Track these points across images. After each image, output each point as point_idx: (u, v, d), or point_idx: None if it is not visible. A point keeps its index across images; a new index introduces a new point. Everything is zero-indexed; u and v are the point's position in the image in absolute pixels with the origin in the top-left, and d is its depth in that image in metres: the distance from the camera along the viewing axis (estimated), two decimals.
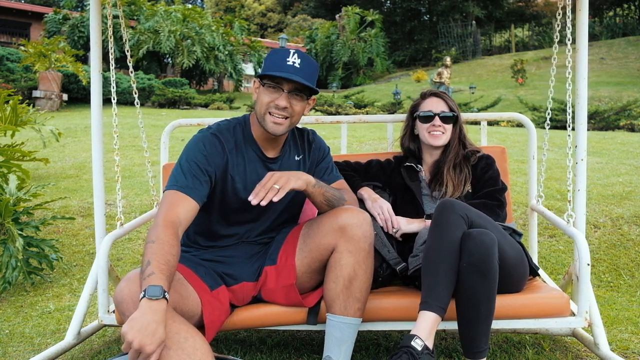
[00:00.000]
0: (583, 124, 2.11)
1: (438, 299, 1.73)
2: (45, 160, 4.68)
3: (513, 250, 1.90)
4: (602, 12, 27.87)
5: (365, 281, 1.80)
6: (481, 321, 1.72)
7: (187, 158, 1.80)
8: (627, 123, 9.23)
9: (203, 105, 12.90)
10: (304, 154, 2.02)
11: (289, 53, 1.81)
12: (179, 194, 1.72)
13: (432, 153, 2.31)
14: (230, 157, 1.86)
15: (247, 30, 21.41)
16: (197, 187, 1.75)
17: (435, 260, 1.77)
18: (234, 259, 1.92)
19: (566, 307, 1.91)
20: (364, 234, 1.79)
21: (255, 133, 1.92)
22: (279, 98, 1.79)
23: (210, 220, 1.92)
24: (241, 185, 1.88)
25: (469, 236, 1.75)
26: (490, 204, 2.10)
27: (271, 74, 1.79)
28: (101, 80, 2.25)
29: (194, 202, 1.73)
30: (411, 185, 2.25)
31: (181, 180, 1.75)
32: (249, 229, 1.95)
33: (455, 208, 1.83)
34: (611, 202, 4.03)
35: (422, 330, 1.70)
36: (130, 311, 1.52)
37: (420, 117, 2.26)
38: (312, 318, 1.88)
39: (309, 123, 2.81)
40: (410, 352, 1.64)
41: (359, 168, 2.39)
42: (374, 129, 7.53)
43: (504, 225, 2.03)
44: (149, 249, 1.56)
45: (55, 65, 11.29)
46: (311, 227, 1.87)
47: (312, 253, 1.84)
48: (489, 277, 1.71)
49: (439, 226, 1.82)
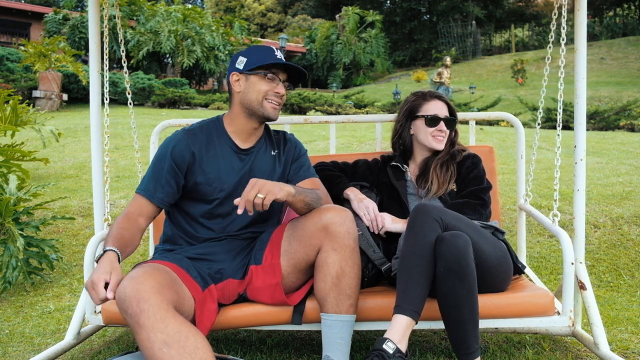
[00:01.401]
0: (582, 123, 2.12)
1: (412, 303, 1.73)
2: (45, 160, 4.68)
3: (493, 249, 1.90)
4: (602, 12, 27.88)
5: (353, 277, 1.81)
6: (466, 323, 1.72)
7: (155, 161, 1.96)
8: (627, 123, 9.24)
9: (203, 105, 12.90)
10: (279, 150, 2.09)
11: (274, 49, 1.98)
12: (141, 197, 1.92)
13: (425, 153, 2.31)
14: (201, 153, 1.95)
15: (247, 30, 21.42)
16: (158, 191, 1.91)
17: (409, 265, 1.78)
18: (218, 256, 1.94)
19: (551, 306, 1.91)
20: (347, 231, 1.81)
21: (230, 128, 2.01)
22: (277, 87, 1.95)
23: (192, 216, 1.98)
24: (216, 179, 1.95)
25: (442, 240, 1.75)
26: (473, 203, 2.11)
27: (273, 62, 1.92)
28: (100, 80, 2.26)
29: (154, 206, 1.93)
30: (397, 184, 2.25)
31: (145, 184, 1.94)
32: (230, 221, 1.98)
33: (429, 212, 1.83)
34: (611, 202, 4.03)
35: (395, 333, 1.71)
36: (133, 309, 1.53)
37: (428, 120, 2.24)
38: (297, 317, 1.90)
39: (298, 123, 2.79)
40: (382, 355, 1.66)
41: (346, 168, 2.39)
42: (373, 129, 7.51)
43: (485, 224, 2.03)
44: (108, 230, 1.87)
45: (55, 65, 11.30)
46: (295, 229, 1.89)
47: (297, 254, 1.86)
48: (467, 279, 1.72)
49: (413, 230, 1.82)
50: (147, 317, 1.53)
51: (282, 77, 1.97)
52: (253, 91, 1.94)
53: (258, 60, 1.93)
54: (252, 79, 1.94)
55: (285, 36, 19.19)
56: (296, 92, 13.42)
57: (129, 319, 1.56)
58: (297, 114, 11.82)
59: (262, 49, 1.99)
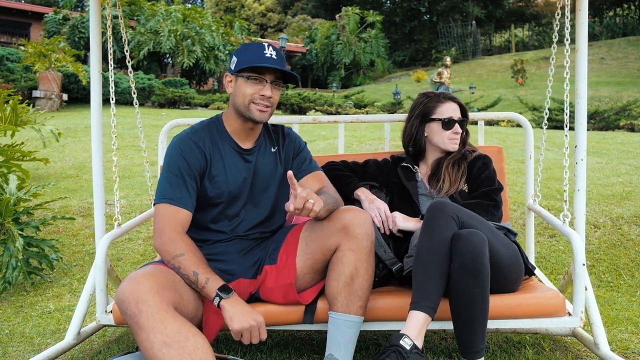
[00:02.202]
0: (583, 123, 2.12)
1: (428, 299, 1.73)
2: (45, 160, 4.68)
3: (507, 250, 1.90)
4: (602, 12, 27.88)
5: (367, 279, 1.81)
6: (476, 322, 1.73)
7: (169, 167, 1.87)
8: (627, 123, 9.24)
9: (203, 105, 12.90)
10: (278, 147, 2.05)
11: (264, 46, 1.88)
12: (171, 207, 1.81)
13: (437, 153, 2.31)
14: (208, 154, 1.91)
15: (247, 30, 21.42)
16: (186, 196, 1.84)
17: (426, 261, 1.78)
18: (228, 255, 1.93)
19: (562, 307, 1.91)
20: (366, 233, 1.80)
21: (230, 128, 1.97)
22: (263, 89, 1.86)
23: (199, 218, 1.94)
24: (222, 180, 1.92)
25: (459, 237, 1.76)
26: (485, 204, 2.11)
27: (257, 65, 1.84)
28: (101, 80, 2.26)
29: (187, 212, 1.83)
30: (407, 185, 2.25)
31: (169, 192, 1.83)
32: (238, 222, 1.96)
33: (445, 209, 1.83)
34: (611, 202, 4.03)
35: (412, 329, 1.71)
36: (132, 310, 1.53)
37: (444, 123, 2.24)
38: (309, 317, 1.89)
39: (307, 123, 2.81)
40: (399, 351, 1.66)
41: (356, 168, 2.39)
42: (373, 129, 7.52)
43: (498, 225, 2.03)
44: (184, 261, 1.72)
45: (55, 65, 11.30)
46: (313, 230, 1.88)
47: (315, 255, 1.85)
48: (481, 278, 1.72)
49: (430, 227, 1.82)
50: (146, 318, 1.53)
51: (270, 78, 1.87)
52: (240, 94, 1.89)
53: (244, 61, 1.87)
54: (239, 81, 1.89)
55: (285, 36, 19.16)
56: (296, 92, 13.42)
57: (129, 320, 1.56)
58: (297, 114, 11.81)
59: (251, 47, 1.90)
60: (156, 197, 1.85)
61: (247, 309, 1.67)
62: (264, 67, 1.85)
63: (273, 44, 1.97)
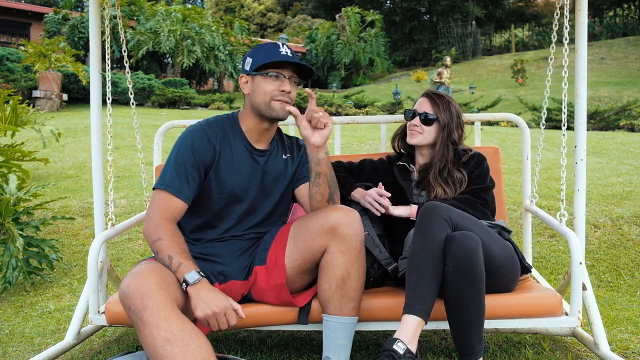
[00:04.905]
0: (582, 123, 2.12)
1: (421, 303, 1.73)
2: (45, 160, 4.68)
3: (501, 250, 1.89)
4: (602, 12, 27.88)
5: (358, 280, 1.81)
6: (472, 323, 1.72)
7: (176, 156, 1.87)
8: (627, 123, 9.23)
9: (203, 105, 12.89)
10: (292, 155, 2.06)
11: (279, 45, 1.91)
12: (167, 194, 1.81)
13: (422, 154, 2.30)
14: (218, 148, 1.90)
15: (247, 30, 21.40)
16: (184, 187, 1.83)
17: (419, 264, 1.77)
18: (222, 257, 1.93)
19: (559, 306, 1.91)
20: (355, 233, 1.79)
21: (245, 127, 1.97)
22: (282, 84, 1.88)
23: (201, 213, 1.93)
24: (229, 177, 1.91)
25: (452, 240, 1.75)
26: (473, 200, 2.09)
27: (276, 60, 1.85)
28: (101, 80, 2.26)
29: (181, 202, 1.83)
30: (402, 184, 2.25)
31: (169, 179, 1.83)
32: (238, 221, 1.96)
33: (438, 211, 1.82)
34: (611, 202, 4.03)
35: (405, 333, 1.70)
36: (137, 305, 1.53)
37: (405, 114, 2.28)
38: (303, 317, 1.89)
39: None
40: (392, 355, 1.65)
41: (352, 168, 2.39)
42: (373, 129, 7.52)
43: (491, 223, 2.03)
44: (161, 246, 1.71)
45: (55, 65, 11.29)
46: (300, 229, 1.87)
47: (302, 255, 1.84)
48: (476, 280, 1.71)
49: (422, 230, 1.81)
50: (151, 313, 1.53)
51: (288, 74, 1.89)
52: (259, 93, 1.89)
53: (261, 59, 1.88)
54: (257, 79, 1.89)
55: (285, 36, 19.19)
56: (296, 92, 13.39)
57: (132, 315, 1.56)
58: None
59: (266, 47, 1.92)
60: (156, 182, 1.87)
61: (212, 295, 1.62)
62: (283, 62, 1.87)
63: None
